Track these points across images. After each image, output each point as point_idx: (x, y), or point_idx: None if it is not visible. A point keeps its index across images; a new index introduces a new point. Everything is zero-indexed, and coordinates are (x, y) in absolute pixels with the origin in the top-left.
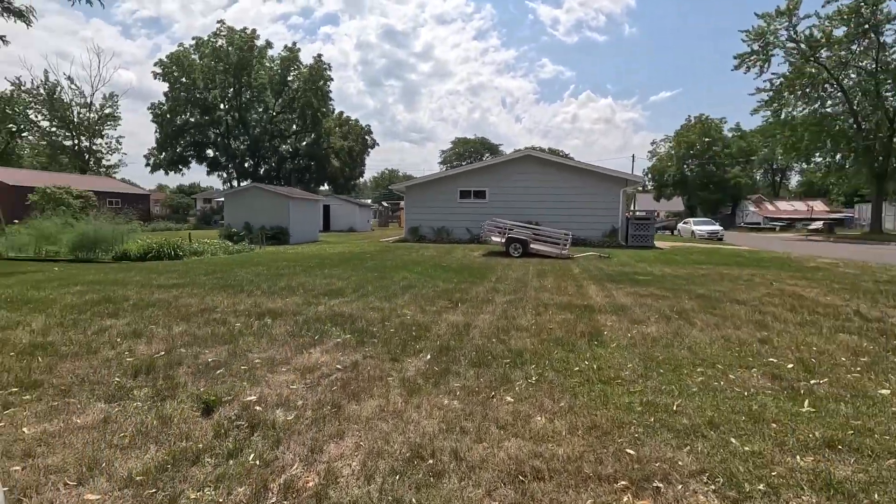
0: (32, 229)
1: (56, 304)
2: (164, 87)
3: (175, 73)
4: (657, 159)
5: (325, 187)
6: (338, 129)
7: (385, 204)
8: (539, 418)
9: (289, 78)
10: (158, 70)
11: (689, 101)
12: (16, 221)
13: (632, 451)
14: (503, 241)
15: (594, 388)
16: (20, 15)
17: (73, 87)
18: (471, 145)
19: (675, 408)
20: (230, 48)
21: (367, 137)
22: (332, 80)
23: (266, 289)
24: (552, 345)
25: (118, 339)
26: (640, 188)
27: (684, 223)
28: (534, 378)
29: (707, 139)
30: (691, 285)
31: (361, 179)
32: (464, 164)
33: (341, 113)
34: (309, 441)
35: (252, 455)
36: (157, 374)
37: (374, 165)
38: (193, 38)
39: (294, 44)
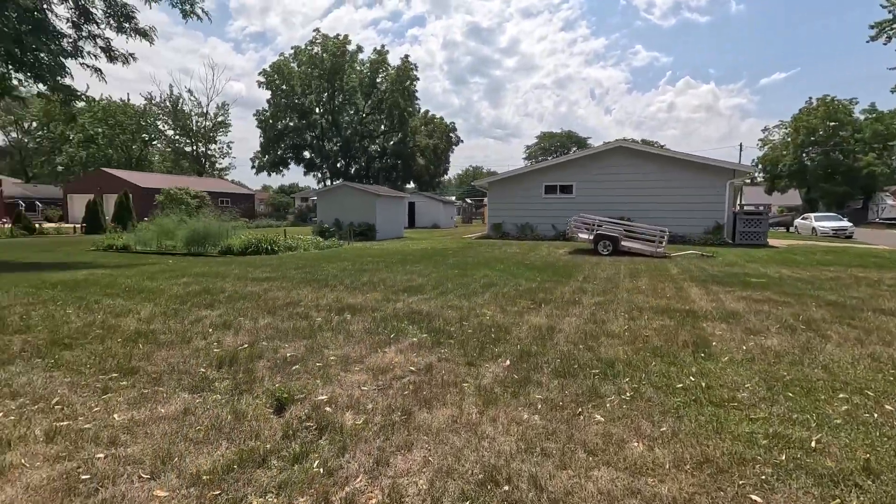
0: (155, 226)
1: (164, 295)
2: (267, 94)
3: (276, 82)
4: (769, 148)
5: (411, 185)
6: (423, 127)
7: (469, 201)
8: (636, 444)
9: (377, 80)
10: (262, 79)
11: (809, 81)
12: (146, 219)
13: (759, 500)
14: (591, 237)
15: (703, 411)
16: (144, 34)
17: (192, 98)
18: (557, 139)
19: (813, 444)
20: (324, 55)
21: (451, 135)
22: (417, 79)
23: (348, 284)
24: (649, 355)
25: (210, 330)
26: (749, 180)
27: (803, 219)
28: (628, 394)
29: (832, 123)
30: (819, 290)
31: (446, 177)
32: (549, 158)
33: (426, 111)
34: (375, 451)
35: (317, 461)
36: (238, 366)
37: (458, 163)
38: (292, 48)
39: (383, 46)
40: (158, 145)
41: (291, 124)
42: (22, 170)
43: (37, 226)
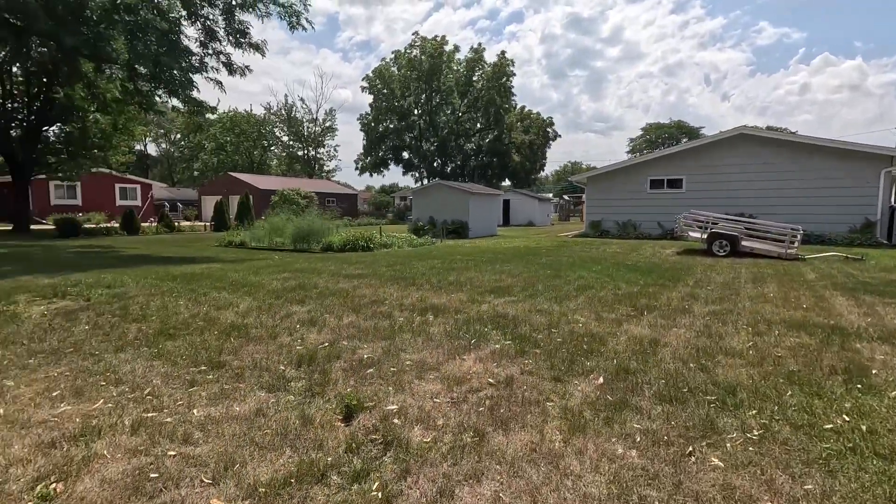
0: (267, 224)
1: (263, 289)
2: (370, 99)
3: (378, 86)
4: None
5: (506, 182)
6: (519, 123)
7: (566, 197)
8: None
9: (473, 78)
10: (365, 84)
11: None
12: (262, 217)
13: None
14: (704, 236)
15: (866, 466)
16: (256, 47)
17: (304, 106)
18: (664, 130)
19: None
20: (423, 57)
21: (548, 130)
22: (514, 75)
23: (435, 283)
24: (783, 382)
25: (297, 326)
26: None
27: None
28: (755, 432)
29: None
30: None
31: (542, 173)
32: (656, 151)
33: (523, 107)
34: (440, 477)
35: (377, 483)
36: (315, 366)
37: (555, 159)
38: (392, 52)
39: (480, 45)
40: (275, 150)
41: (391, 126)
42: (169, 175)
43: (176, 224)
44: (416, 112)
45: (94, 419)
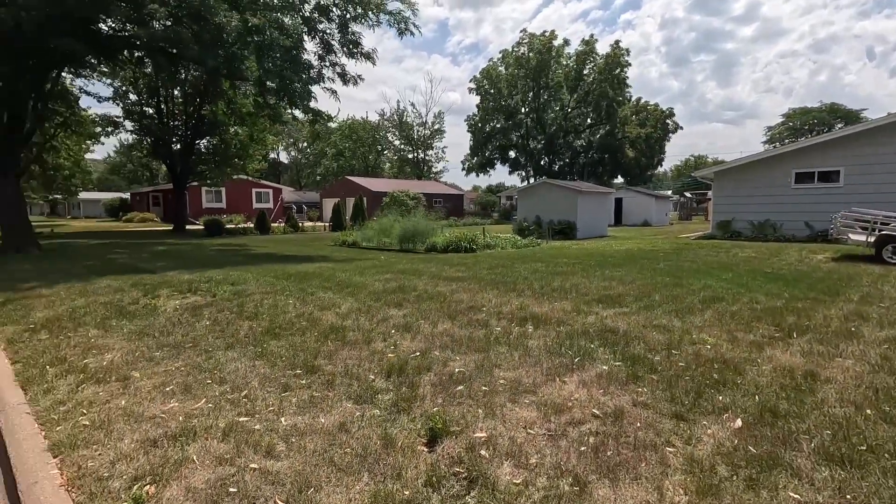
0: (376, 224)
1: (365, 290)
2: (477, 100)
3: (485, 86)
4: None
5: (619, 179)
6: (634, 116)
7: (688, 195)
8: None
9: (584, 72)
10: (472, 85)
11: None
12: (373, 218)
13: None
14: (871, 239)
15: None
16: (368, 56)
17: (414, 111)
18: (813, 116)
19: None
20: (530, 54)
21: (667, 122)
22: (629, 65)
23: (537, 289)
24: None
25: (392, 331)
26: None
27: None
28: None
29: None
30: None
31: (660, 169)
32: (801, 139)
33: (639, 99)
34: None
35: None
36: (405, 377)
37: (675, 153)
38: (500, 52)
39: (591, 36)
40: (387, 154)
41: (498, 126)
42: (297, 180)
43: (300, 224)
44: (523, 110)
45: (194, 419)
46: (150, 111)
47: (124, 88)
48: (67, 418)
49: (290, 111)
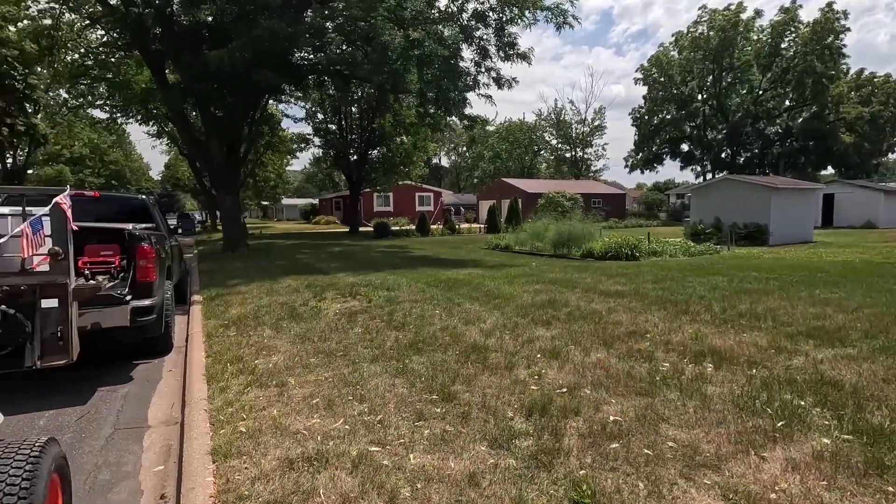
0: (529, 228)
1: (513, 303)
2: (643, 90)
3: (654, 75)
4: None
5: (829, 171)
6: (853, 93)
7: None
8: None
9: (782, 46)
10: (639, 76)
11: None
12: (528, 220)
13: None
14: None
15: None
16: (524, 57)
17: (573, 108)
18: None
19: None
20: (710, 33)
21: None
22: (846, 31)
23: (717, 312)
24: None
25: (537, 356)
26: None
27: None
28: None
29: None
30: None
31: (891, 156)
32: None
33: (860, 71)
34: None
35: None
36: (548, 419)
37: None
38: (673, 35)
39: (793, 1)
40: (544, 153)
41: (668, 117)
42: (456, 183)
43: (457, 226)
44: (699, 97)
45: (330, 441)
46: (333, 127)
47: (314, 109)
48: (230, 421)
49: (447, 119)
